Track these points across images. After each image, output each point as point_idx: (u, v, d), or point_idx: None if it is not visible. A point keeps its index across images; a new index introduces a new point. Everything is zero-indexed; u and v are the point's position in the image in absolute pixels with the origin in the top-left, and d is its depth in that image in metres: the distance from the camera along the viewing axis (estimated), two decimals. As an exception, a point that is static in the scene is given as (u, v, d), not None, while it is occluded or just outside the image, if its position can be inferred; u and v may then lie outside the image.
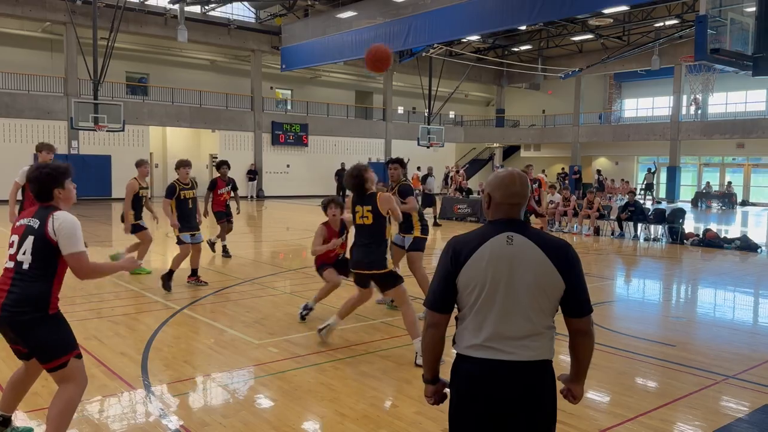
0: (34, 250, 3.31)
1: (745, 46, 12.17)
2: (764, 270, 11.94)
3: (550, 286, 2.31)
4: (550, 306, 2.34)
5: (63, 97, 25.87)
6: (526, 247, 2.30)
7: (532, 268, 2.29)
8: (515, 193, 2.38)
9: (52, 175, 3.49)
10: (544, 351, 2.34)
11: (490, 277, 2.29)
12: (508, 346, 2.29)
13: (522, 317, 2.30)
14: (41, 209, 3.45)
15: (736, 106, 32.56)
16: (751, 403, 4.61)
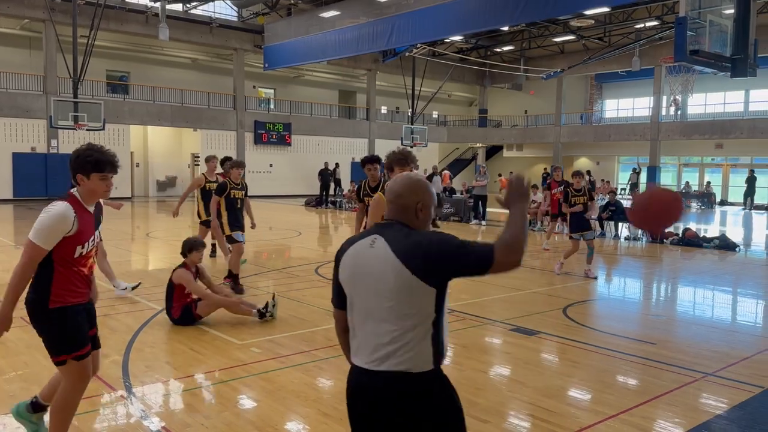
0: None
1: (723, 47, 12.34)
2: (742, 269, 12.12)
3: (406, 288, 2.12)
4: (412, 310, 2.13)
5: (42, 95, 25.52)
6: (381, 251, 2.16)
7: (384, 272, 2.14)
8: (392, 190, 2.29)
9: (79, 158, 3.26)
10: (404, 361, 2.13)
11: (350, 281, 2.24)
12: (366, 354, 2.19)
13: (378, 323, 2.17)
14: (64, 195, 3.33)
15: (715, 107, 33.01)
16: (730, 400, 4.68)
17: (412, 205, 2.25)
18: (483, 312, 7.42)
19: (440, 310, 2.18)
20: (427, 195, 2.29)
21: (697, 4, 12.12)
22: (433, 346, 2.17)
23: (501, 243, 2.05)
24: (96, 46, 22.21)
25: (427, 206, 2.30)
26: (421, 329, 2.14)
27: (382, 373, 2.14)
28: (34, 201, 24.74)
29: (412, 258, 2.11)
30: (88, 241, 3.29)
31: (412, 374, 2.13)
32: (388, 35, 21.80)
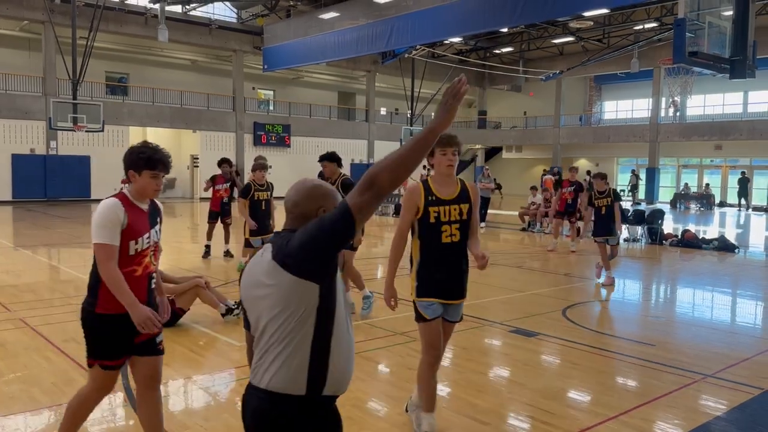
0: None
1: (722, 49, 12.34)
2: (741, 270, 12.12)
3: (289, 298, 1.93)
4: (293, 320, 1.93)
5: (41, 96, 25.52)
6: (265, 260, 2.00)
7: (263, 281, 1.98)
8: (289, 199, 2.12)
9: (132, 155, 3.22)
10: (278, 380, 1.95)
11: (244, 295, 2.10)
12: (252, 368, 2.05)
13: (258, 338, 2.02)
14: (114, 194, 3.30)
15: (714, 108, 33.04)
16: (729, 402, 4.68)
17: (312, 213, 2.06)
18: (482, 313, 7.42)
19: (325, 321, 1.96)
20: (328, 200, 2.10)
21: (696, 6, 12.12)
22: (310, 368, 1.94)
23: (362, 181, 1.85)
24: (95, 47, 22.21)
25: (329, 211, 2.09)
26: (295, 344, 1.93)
27: (255, 389, 1.99)
28: (33, 203, 24.73)
29: (285, 255, 1.93)
30: (141, 237, 3.24)
31: (281, 395, 1.94)
32: (387, 37, 21.81)
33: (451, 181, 3.81)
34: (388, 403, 4.57)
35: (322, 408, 2.00)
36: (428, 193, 3.75)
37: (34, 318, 6.66)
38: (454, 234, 3.76)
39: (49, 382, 4.77)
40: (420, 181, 3.83)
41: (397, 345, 6.00)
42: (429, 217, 3.73)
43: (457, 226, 3.76)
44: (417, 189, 3.76)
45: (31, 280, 9.39)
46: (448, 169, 3.77)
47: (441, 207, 3.74)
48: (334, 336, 1.98)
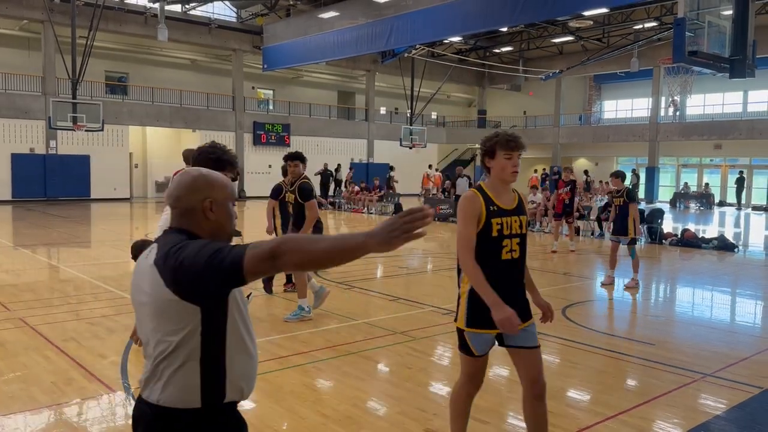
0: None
1: (722, 48, 12.34)
2: (741, 269, 12.13)
3: (165, 305, 1.78)
4: (176, 334, 1.78)
5: (41, 96, 25.51)
6: (149, 263, 1.84)
7: (146, 286, 1.84)
8: (170, 195, 1.95)
9: (201, 155, 3.26)
10: (164, 392, 1.81)
11: (132, 298, 1.97)
12: (143, 381, 1.88)
13: (146, 346, 1.88)
14: None
15: (714, 107, 33.04)
16: (729, 401, 4.68)
17: (197, 205, 1.89)
18: (482, 313, 7.41)
19: (215, 335, 1.81)
20: (215, 189, 1.92)
21: (696, 5, 12.12)
22: (203, 381, 1.81)
23: (268, 247, 1.65)
24: (95, 46, 22.20)
25: (219, 202, 1.93)
26: (184, 358, 1.79)
27: (147, 404, 1.84)
28: (32, 202, 24.72)
29: (169, 271, 1.75)
30: None
31: (173, 410, 1.80)
32: (387, 36, 21.81)
33: (509, 189, 3.36)
34: (387, 403, 4.57)
35: (223, 415, 1.87)
36: (489, 202, 3.25)
37: (33, 317, 6.66)
38: (515, 249, 3.32)
39: (49, 382, 4.78)
40: (474, 188, 3.37)
41: (397, 344, 6.00)
42: (491, 230, 3.21)
43: (517, 241, 3.33)
44: (476, 197, 3.24)
45: (30, 279, 9.39)
46: (513, 177, 3.26)
47: (504, 218, 3.26)
48: (228, 349, 1.84)
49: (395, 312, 7.43)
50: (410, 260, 12.22)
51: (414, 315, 7.27)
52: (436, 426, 4.12)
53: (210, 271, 1.68)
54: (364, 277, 9.72)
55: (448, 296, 8.47)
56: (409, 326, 6.70)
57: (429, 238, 16.39)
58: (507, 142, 3.21)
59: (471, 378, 3.52)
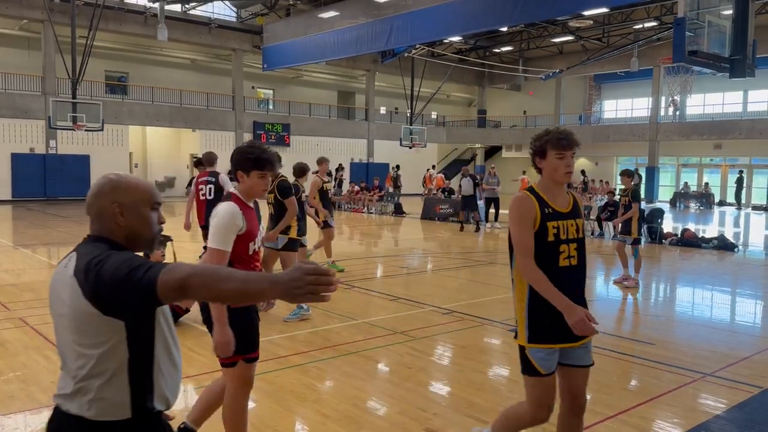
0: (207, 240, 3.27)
1: (722, 48, 12.34)
2: (741, 269, 12.13)
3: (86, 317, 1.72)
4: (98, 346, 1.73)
5: (41, 96, 25.52)
6: (68, 272, 1.78)
7: (65, 296, 1.77)
8: (86, 203, 1.89)
9: (241, 155, 3.27)
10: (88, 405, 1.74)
11: (50, 308, 1.88)
12: (58, 390, 1.83)
13: (65, 356, 1.83)
14: (224, 196, 3.36)
15: (714, 107, 33.04)
16: (729, 401, 4.68)
17: (107, 210, 1.84)
18: (482, 312, 7.42)
19: (141, 346, 1.78)
20: (122, 193, 1.85)
21: (696, 5, 12.11)
22: (133, 392, 1.77)
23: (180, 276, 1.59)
24: (95, 46, 22.20)
25: (128, 206, 1.85)
26: (111, 372, 1.74)
27: (72, 417, 1.76)
28: (32, 201, 24.73)
29: (88, 284, 1.69)
30: (257, 237, 3.31)
31: (94, 422, 1.74)
32: (387, 36, 21.81)
33: (563, 190, 3.10)
34: (387, 402, 4.57)
35: (151, 424, 1.84)
36: (543, 204, 3.00)
37: (33, 317, 6.66)
38: (573, 255, 3.01)
39: (49, 381, 4.77)
40: (526, 189, 3.13)
41: (397, 344, 6.01)
42: (547, 235, 2.95)
43: (575, 246, 3.02)
44: (528, 198, 3.00)
45: (30, 279, 9.39)
46: (566, 177, 3.02)
47: (560, 222, 2.99)
48: (156, 360, 1.81)
49: (395, 312, 7.43)
50: (410, 260, 12.22)
51: (414, 315, 7.27)
52: (436, 426, 4.12)
53: (129, 288, 1.63)
54: (364, 277, 9.72)
55: (448, 296, 8.47)
56: (409, 326, 6.70)
57: (429, 238, 16.40)
58: (558, 140, 3.00)
59: (539, 404, 3.04)
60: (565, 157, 2.98)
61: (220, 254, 3.12)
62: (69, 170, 26.08)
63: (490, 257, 12.68)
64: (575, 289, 3.04)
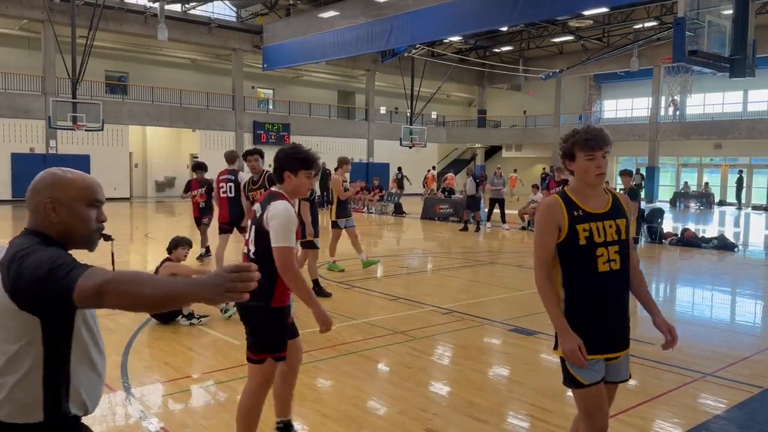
0: (255, 238, 3.34)
1: (722, 48, 12.34)
2: (741, 269, 12.13)
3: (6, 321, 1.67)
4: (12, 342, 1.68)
5: (41, 95, 25.51)
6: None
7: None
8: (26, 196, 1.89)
9: (289, 156, 3.40)
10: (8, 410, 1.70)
11: None
12: None
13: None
14: (268, 195, 3.43)
15: (714, 107, 33.03)
16: (729, 400, 4.68)
17: (41, 207, 1.82)
18: (482, 312, 7.42)
19: (58, 346, 1.72)
20: (58, 189, 1.83)
21: (696, 5, 12.11)
22: (46, 394, 1.71)
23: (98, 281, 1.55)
24: (95, 46, 22.18)
25: (62, 202, 1.82)
26: (24, 371, 1.69)
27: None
28: (32, 201, 24.72)
29: (7, 274, 1.67)
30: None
31: (4, 424, 1.70)
32: (387, 35, 21.81)
33: (600, 190, 2.88)
34: (387, 402, 4.57)
35: (63, 428, 1.79)
36: (572, 207, 2.80)
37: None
38: (614, 259, 2.79)
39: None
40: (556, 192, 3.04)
41: (397, 344, 6.01)
42: (578, 239, 2.76)
43: (615, 249, 2.79)
44: (554, 204, 2.80)
45: (30, 279, 9.38)
46: (598, 179, 2.80)
47: (593, 224, 2.78)
48: (72, 363, 1.75)
49: (395, 312, 7.43)
50: (410, 260, 12.22)
51: (414, 315, 7.27)
52: (436, 426, 4.12)
53: (47, 287, 1.60)
54: (364, 277, 9.72)
55: (448, 296, 8.47)
56: (410, 326, 6.70)
57: (429, 238, 16.40)
58: (586, 141, 2.82)
59: (592, 415, 2.83)
60: (595, 158, 2.79)
61: (288, 251, 3.23)
62: (69, 170, 26.06)
63: (490, 257, 12.68)
64: (619, 295, 2.89)
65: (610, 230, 2.80)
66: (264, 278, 2.91)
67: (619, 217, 2.84)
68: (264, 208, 3.32)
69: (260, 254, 3.28)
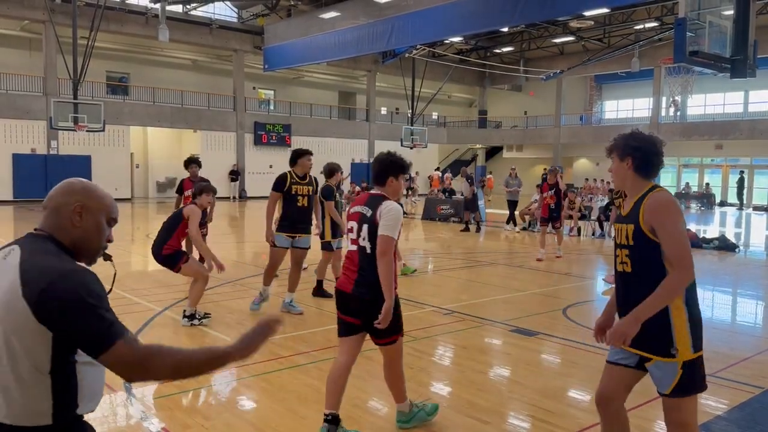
0: (370, 236, 3.71)
1: (723, 48, 12.33)
2: (742, 269, 12.12)
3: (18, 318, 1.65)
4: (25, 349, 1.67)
5: (42, 96, 25.54)
6: (10, 266, 1.71)
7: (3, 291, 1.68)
8: (48, 195, 1.89)
9: (395, 162, 3.86)
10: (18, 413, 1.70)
11: None
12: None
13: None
14: (372, 198, 3.81)
15: (715, 107, 33.02)
16: (730, 401, 4.68)
17: (67, 206, 1.82)
18: (483, 313, 7.42)
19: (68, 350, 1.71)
20: (92, 198, 1.86)
21: (697, 5, 12.10)
22: (55, 395, 1.71)
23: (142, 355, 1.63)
24: (96, 47, 22.21)
25: (91, 210, 1.85)
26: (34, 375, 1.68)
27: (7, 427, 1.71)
28: (33, 202, 24.74)
29: (33, 284, 1.65)
30: None
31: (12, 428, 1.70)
32: (387, 36, 21.81)
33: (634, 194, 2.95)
34: (387, 402, 4.57)
35: (73, 429, 1.82)
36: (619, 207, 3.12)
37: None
38: (625, 261, 2.91)
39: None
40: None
41: (398, 344, 6.00)
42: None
43: (626, 253, 2.90)
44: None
45: (31, 279, 9.38)
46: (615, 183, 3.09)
47: (619, 225, 2.97)
48: (79, 363, 1.75)
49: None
50: (411, 260, 12.22)
51: (415, 315, 7.27)
52: (437, 426, 4.12)
53: (80, 328, 1.63)
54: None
55: (448, 296, 8.47)
56: (410, 326, 6.69)
57: (429, 238, 16.40)
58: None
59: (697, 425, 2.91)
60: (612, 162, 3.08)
61: (390, 240, 3.66)
62: (70, 171, 25.99)
63: (491, 257, 12.68)
64: (624, 298, 2.97)
65: (622, 234, 2.92)
66: (389, 271, 3.64)
67: (630, 222, 2.89)
68: (374, 208, 3.73)
69: (375, 249, 3.68)
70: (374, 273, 3.64)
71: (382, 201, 3.75)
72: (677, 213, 2.81)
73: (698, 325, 2.80)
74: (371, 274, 3.67)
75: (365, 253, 3.72)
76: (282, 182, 7.02)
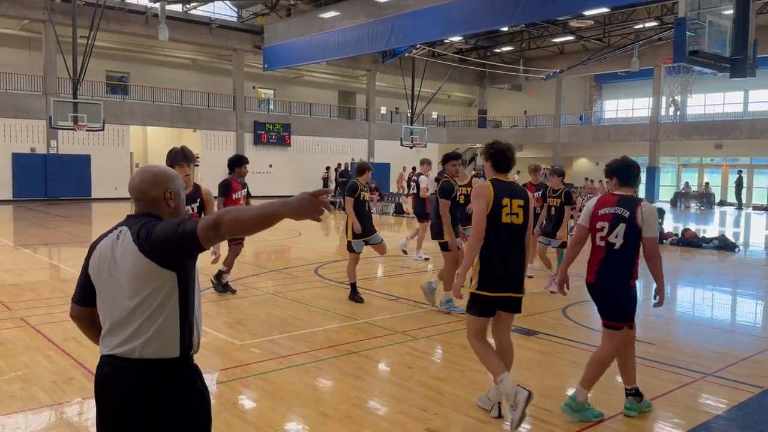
0: (626, 233, 4.13)
1: (722, 48, 12.33)
2: (741, 269, 12.12)
3: (145, 275, 2.12)
4: (154, 298, 2.13)
5: (42, 96, 25.52)
6: (126, 242, 2.16)
7: (126, 261, 2.14)
8: (135, 188, 2.30)
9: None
10: (148, 348, 2.13)
11: (97, 274, 2.22)
12: (113, 343, 2.18)
13: (123, 312, 2.15)
14: (626, 199, 4.23)
15: (714, 107, 33.03)
16: (729, 400, 4.68)
17: (160, 196, 2.28)
18: (482, 312, 7.41)
19: (186, 298, 2.19)
20: (173, 183, 2.32)
21: (697, 5, 12.10)
22: (181, 334, 2.19)
23: (212, 218, 2.03)
24: (96, 46, 22.22)
25: (176, 193, 2.32)
26: (165, 316, 2.14)
27: (130, 361, 2.14)
28: (33, 201, 24.74)
29: (146, 243, 2.11)
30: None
31: (156, 361, 2.14)
32: (387, 36, 21.80)
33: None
34: (387, 402, 4.57)
35: (191, 361, 2.28)
36: None
37: (34, 317, 6.67)
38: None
39: (50, 381, 4.78)
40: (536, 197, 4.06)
41: (397, 344, 6.01)
42: None
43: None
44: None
45: (31, 279, 9.41)
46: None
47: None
48: (192, 307, 2.23)
49: (396, 312, 7.43)
50: (408, 260, 12.22)
51: (415, 315, 7.27)
52: (437, 426, 4.13)
53: (178, 235, 2.07)
54: (364, 277, 9.72)
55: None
56: (410, 326, 6.70)
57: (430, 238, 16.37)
58: None
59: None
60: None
61: (656, 240, 4.26)
62: (70, 170, 26.09)
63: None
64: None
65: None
66: (627, 260, 4.23)
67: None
68: (630, 208, 4.15)
69: (626, 245, 4.16)
70: (621, 263, 4.27)
71: (638, 201, 4.23)
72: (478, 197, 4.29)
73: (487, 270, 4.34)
74: (621, 264, 4.31)
75: (615, 248, 4.21)
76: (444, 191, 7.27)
